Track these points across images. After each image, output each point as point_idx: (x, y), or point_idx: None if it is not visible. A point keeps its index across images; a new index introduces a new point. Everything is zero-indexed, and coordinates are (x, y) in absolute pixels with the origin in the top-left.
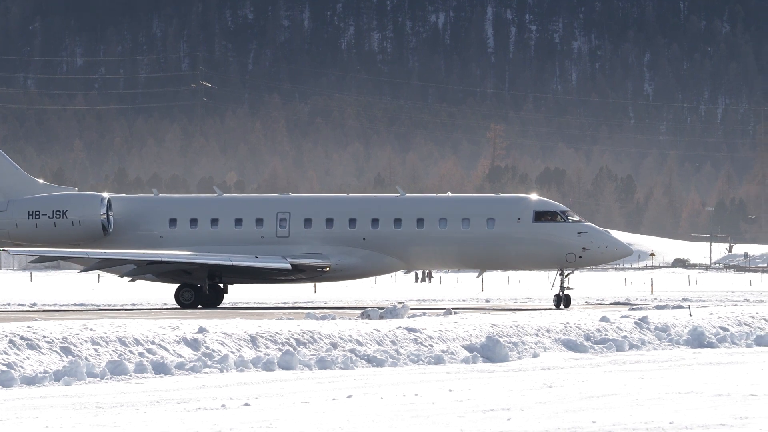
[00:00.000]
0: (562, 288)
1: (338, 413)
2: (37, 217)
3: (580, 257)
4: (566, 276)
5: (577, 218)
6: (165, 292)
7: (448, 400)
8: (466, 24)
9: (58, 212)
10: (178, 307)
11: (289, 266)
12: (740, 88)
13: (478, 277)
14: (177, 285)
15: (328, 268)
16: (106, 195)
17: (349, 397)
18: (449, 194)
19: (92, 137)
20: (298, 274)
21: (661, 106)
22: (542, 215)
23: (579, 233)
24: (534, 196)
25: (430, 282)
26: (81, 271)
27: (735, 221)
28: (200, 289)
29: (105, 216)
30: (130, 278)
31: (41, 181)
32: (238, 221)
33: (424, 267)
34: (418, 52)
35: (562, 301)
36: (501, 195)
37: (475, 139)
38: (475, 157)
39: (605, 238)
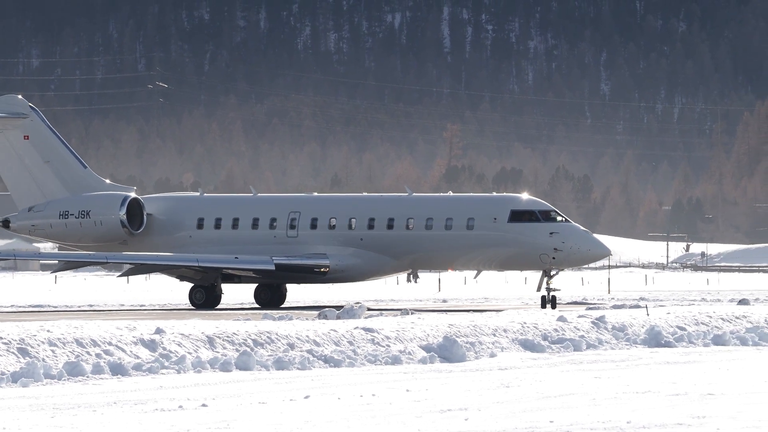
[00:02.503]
0: (548, 289)
1: (296, 414)
2: (66, 217)
3: (554, 258)
4: (552, 277)
5: (561, 218)
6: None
7: (405, 400)
8: (423, 24)
9: (83, 212)
10: (193, 307)
11: (272, 267)
12: (697, 87)
13: (475, 278)
14: (191, 285)
15: (326, 269)
16: (132, 194)
17: (307, 397)
18: (450, 193)
19: None
20: (299, 274)
21: (618, 106)
22: (518, 215)
23: (551, 234)
24: (525, 196)
25: (416, 282)
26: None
27: (692, 220)
28: (212, 290)
29: (125, 216)
30: (178, 278)
31: (108, 181)
32: (255, 222)
33: (417, 268)
34: (374, 52)
35: (549, 302)
36: (489, 194)
37: (431, 139)
38: (431, 157)
39: (579, 238)
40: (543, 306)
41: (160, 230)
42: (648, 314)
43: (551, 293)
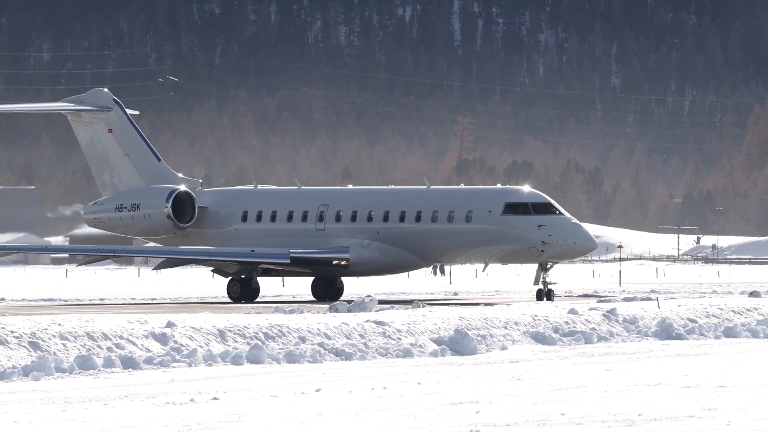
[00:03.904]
0: (544, 283)
1: (307, 407)
2: (121, 210)
3: (542, 251)
4: (547, 270)
5: (556, 211)
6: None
7: (416, 393)
8: (433, 17)
9: (134, 206)
10: (230, 301)
11: (287, 260)
12: (707, 80)
13: (483, 270)
14: (228, 279)
15: (344, 263)
16: (181, 188)
17: (318, 390)
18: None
19: (60, 132)
20: (320, 268)
21: (629, 99)
22: (512, 208)
23: (539, 226)
24: (526, 188)
25: (442, 275)
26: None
27: (703, 213)
28: (248, 283)
29: (170, 209)
30: (213, 272)
31: (180, 174)
32: (290, 215)
33: (433, 262)
34: (385, 45)
35: (545, 296)
36: (490, 187)
37: (442, 132)
38: (442, 150)
39: (566, 231)
40: (539, 299)
41: (213, 223)
42: (659, 307)
43: (547, 287)
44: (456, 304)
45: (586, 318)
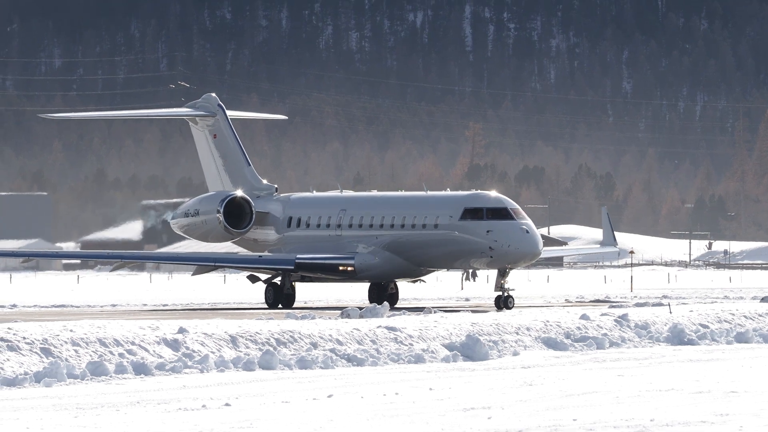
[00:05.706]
0: (503, 289)
1: (319, 413)
2: (187, 216)
3: (491, 257)
4: (506, 276)
5: (511, 216)
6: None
7: (428, 399)
8: (444, 23)
9: (196, 212)
10: (266, 306)
11: (291, 266)
12: (719, 85)
13: (463, 275)
14: (265, 285)
15: (350, 269)
16: (237, 193)
17: (330, 396)
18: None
19: (71, 138)
20: (329, 274)
21: (640, 104)
22: (469, 213)
23: (487, 231)
24: (492, 193)
25: (474, 280)
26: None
27: (714, 218)
28: (282, 288)
29: (222, 215)
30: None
31: (265, 181)
32: (319, 221)
33: (423, 269)
34: (396, 51)
35: (503, 302)
36: (455, 192)
37: (453, 138)
38: (454, 156)
39: (510, 237)
40: (498, 307)
41: (271, 228)
42: (671, 312)
43: (506, 293)
44: (448, 310)
45: (598, 323)
